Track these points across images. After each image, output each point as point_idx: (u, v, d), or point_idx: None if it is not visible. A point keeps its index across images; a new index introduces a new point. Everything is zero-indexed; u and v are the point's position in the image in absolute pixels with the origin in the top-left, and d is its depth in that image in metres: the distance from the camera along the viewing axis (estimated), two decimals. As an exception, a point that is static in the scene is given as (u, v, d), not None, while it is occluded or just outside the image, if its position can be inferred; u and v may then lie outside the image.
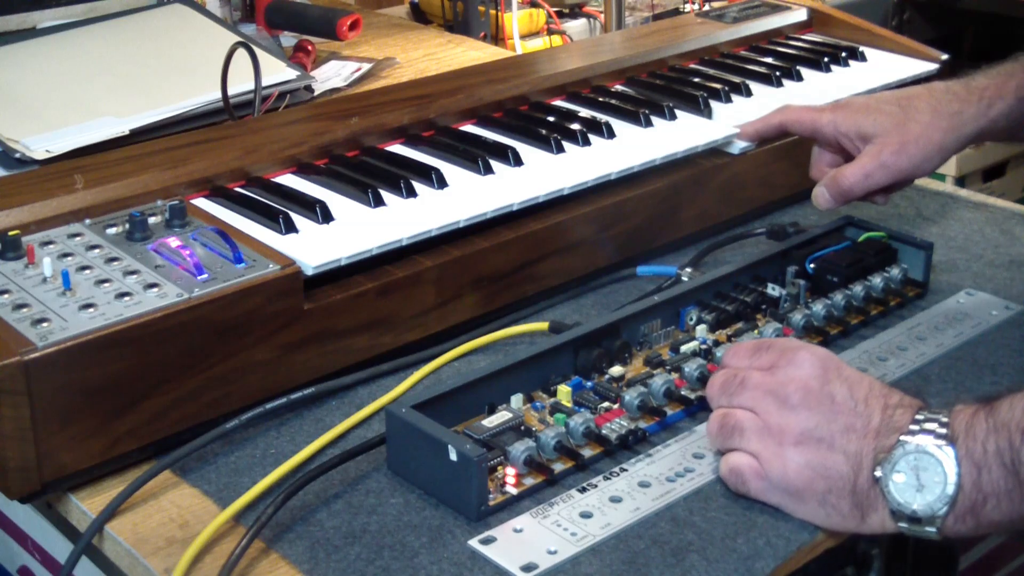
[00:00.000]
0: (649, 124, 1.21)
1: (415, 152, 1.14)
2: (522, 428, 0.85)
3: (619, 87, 1.32)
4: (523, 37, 1.98)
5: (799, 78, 1.35)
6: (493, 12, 1.93)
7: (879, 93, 1.11)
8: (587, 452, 0.86)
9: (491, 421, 0.85)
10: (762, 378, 0.82)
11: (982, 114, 1.05)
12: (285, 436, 0.91)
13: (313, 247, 0.95)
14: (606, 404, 0.90)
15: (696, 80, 1.32)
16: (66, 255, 0.91)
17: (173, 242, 0.91)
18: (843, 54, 1.40)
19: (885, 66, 1.39)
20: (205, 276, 0.88)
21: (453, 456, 0.80)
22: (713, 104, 1.26)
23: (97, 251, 0.92)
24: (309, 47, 1.58)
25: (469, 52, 1.68)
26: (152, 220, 0.96)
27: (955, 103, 1.05)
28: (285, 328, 0.91)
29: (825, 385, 0.80)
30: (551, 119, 1.21)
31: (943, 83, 1.08)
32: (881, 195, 1.08)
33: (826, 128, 1.08)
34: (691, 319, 1.00)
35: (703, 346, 0.97)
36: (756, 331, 0.97)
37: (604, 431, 0.87)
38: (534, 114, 1.23)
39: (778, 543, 0.78)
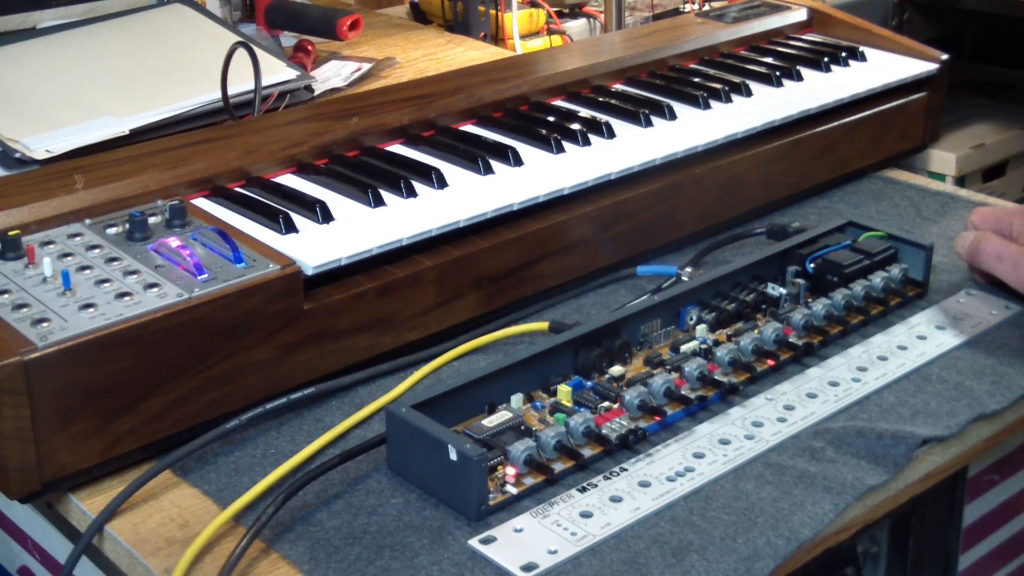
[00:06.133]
0: (649, 124, 1.21)
1: (415, 152, 1.14)
2: (522, 428, 0.85)
3: (619, 87, 1.32)
4: (523, 37, 1.97)
5: (799, 78, 1.35)
6: (493, 12, 1.93)
7: None
8: (587, 452, 0.86)
9: (491, 421, 0.85)
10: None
11: None
12: (285, 436, 0.91)
13: (313, 247, 0.95)
14: (606, 404, 0.90)
15: (696, 80, 1.32)
16: (66, 255, 0.91)
17: (173, 242, 0.91)
18: (843, 54, 1.40)
19: (885, 66, 1.39)
20: (205, 276, 0.88)
21: (453, 456, 0.80)
22: (713, 104, 1.26)
23: (97, 251, 0.92)
24: (309, 47, 1.58)
25: (469, 52, 1.68)
26: (152, 220, 0.96)
27: None
28: (285, 328, 0.91)
29: None
30: (551, 119, 1.21)
31: None
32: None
33: None
34: (691, 319, 1.00)
35: (703, 346, 0.97)
36: (756, 331, 0.97)
37: (604, 431, 0.87)
38: (534, 114, 1.23)
39: (778, 543, 0.78)
